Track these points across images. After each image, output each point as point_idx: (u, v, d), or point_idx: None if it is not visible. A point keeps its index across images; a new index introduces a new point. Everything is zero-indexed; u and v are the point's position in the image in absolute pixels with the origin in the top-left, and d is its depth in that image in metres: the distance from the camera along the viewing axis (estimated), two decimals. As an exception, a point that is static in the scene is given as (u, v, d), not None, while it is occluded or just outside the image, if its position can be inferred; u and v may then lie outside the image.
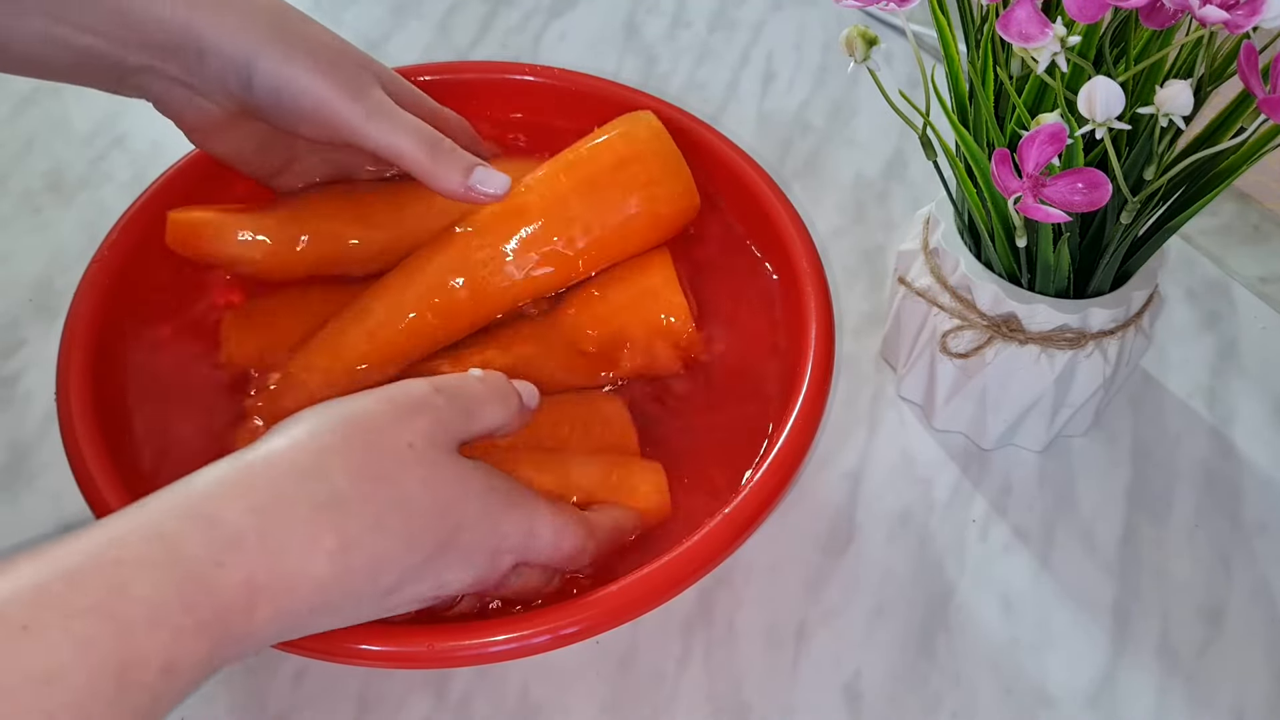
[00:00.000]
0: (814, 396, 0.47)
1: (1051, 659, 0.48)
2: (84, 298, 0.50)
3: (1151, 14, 0.38)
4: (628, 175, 0.52)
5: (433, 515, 0.37)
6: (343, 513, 0.35)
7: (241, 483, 0.35)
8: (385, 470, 0.37)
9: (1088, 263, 0.47)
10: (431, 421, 0.39)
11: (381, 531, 0.36)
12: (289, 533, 0.34)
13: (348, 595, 0.36)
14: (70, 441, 0.46)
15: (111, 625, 0.30)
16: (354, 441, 0.37)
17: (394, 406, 0.38)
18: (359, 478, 0.36)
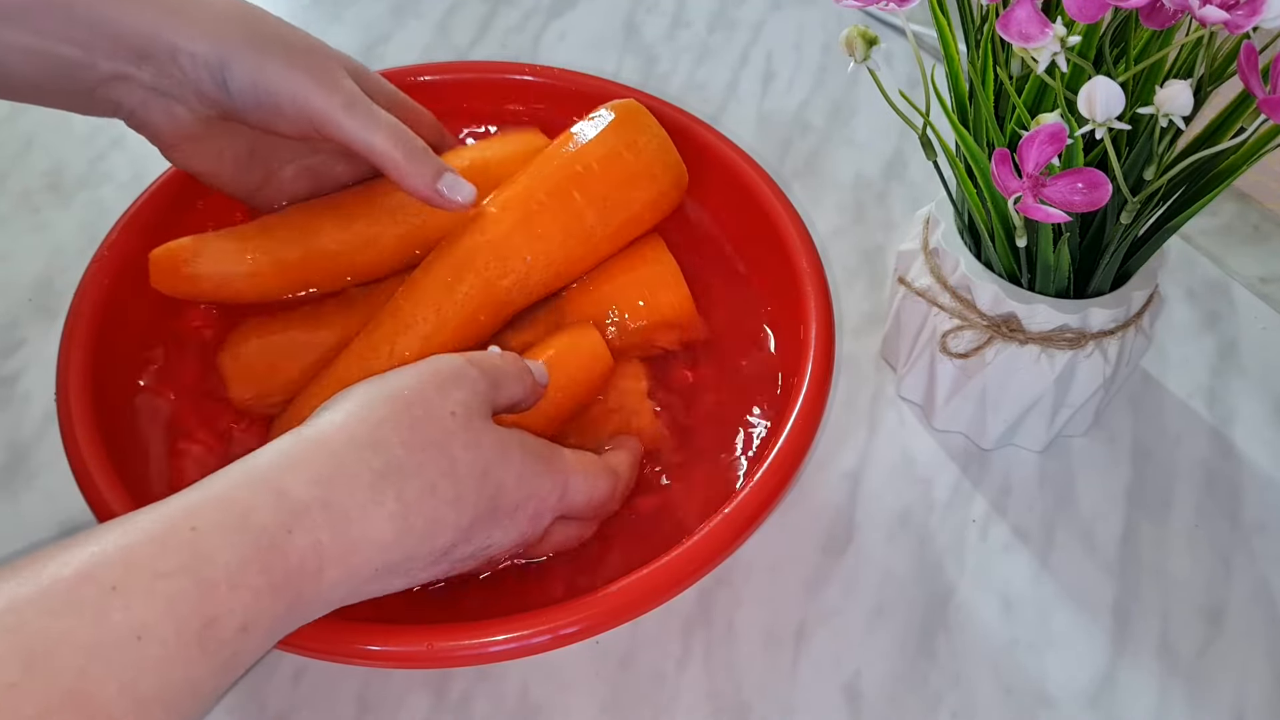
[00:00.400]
0: (814, 396, 0.47)
1: (1051, 659, 0.48)
2: (84, 297, 0.50)
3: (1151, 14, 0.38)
4: (638, 189, 0.52)
5: (478, 478, 0.39)
6: (401, 479, 0.37)
7: (304, 456, 0.37)
8: (434, 438, 0.39)
9: (1088, 263, 0.47)
10: (469, 392, 0.41)
11: (436, 495, 0.38)
12: (352, 500, 0.36)
13: (407, 556, 0.38)
14: (70, 441, 0.46)
15: (195, 586, 0.32)
16: (404, 413, 0.39)
17: (436, 379, 0.40)
18: (413, 446, 0.38)
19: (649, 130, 0.53)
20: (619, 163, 0.52)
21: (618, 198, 0.52)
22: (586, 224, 0.51)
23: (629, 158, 0.52)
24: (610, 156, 0.52)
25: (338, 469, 0.37)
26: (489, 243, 0.50)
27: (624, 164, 0.52)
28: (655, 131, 0.53)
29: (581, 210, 0.51)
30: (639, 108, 0.53)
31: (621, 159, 0.52)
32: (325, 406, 0.40)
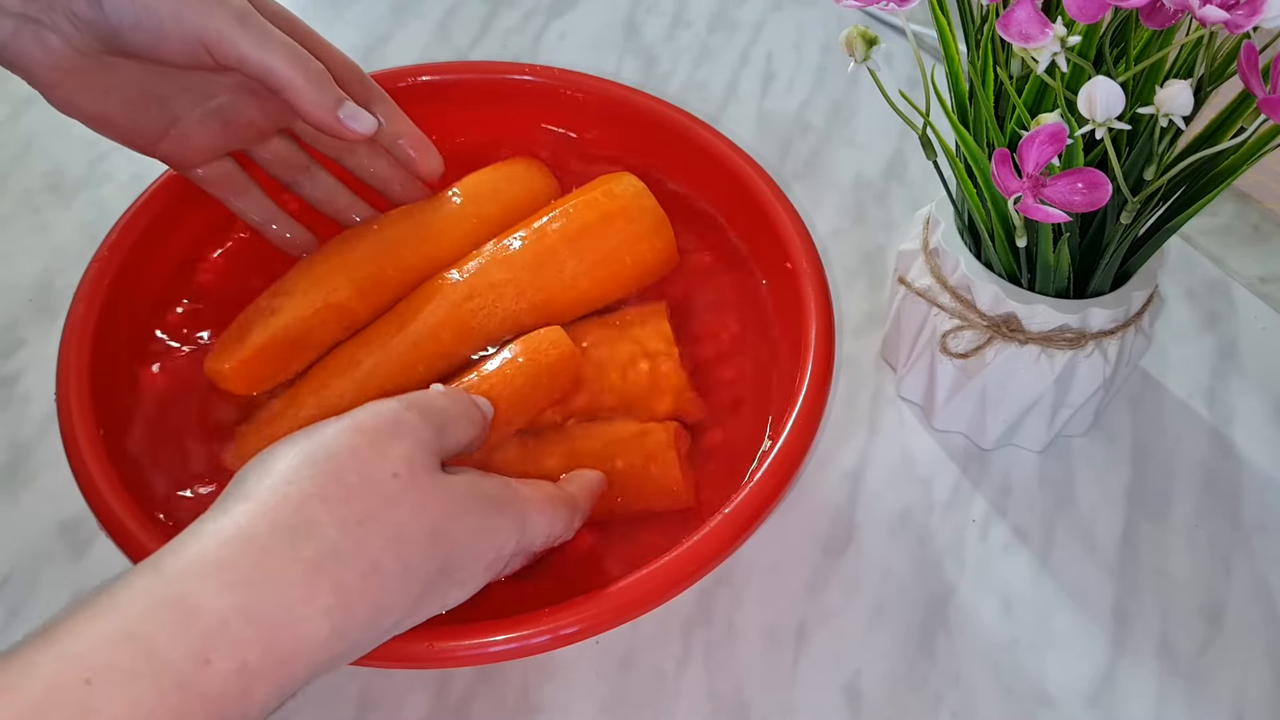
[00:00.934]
0: (814, 396, 0.47)
1: (1051, 659, 0.48)
2: (84, 298, 0.50)
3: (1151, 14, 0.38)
4: (613, 227, 0.53)
5: (428, 543, 0.36)
6: (338, 565, 0.33)
7: (219, 556, 0.32)
8: (374, 508, 0.35)
9: (1088, 263, 0.47)
10: (411, 444, 0.37)
11: (379, 574, 0.34)
12: (280, 602, 0.32)
13: (351, 646, 0.34)
14: (70, 442, 0.46)
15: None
16: (336, 483, 0.34)
17: (370, 436, 0.36)
18: (349, 523, 0.34)
19: (624, 180, 0.54)
20: (594, 205, 0.53)
21: (593, 234, 0.52)
22: (559, 257, 0.52)
23: (604, 201, 0.53)
24: (588, 202, 0.53)
25: (261, 566, 0.32)
26: (467, 283, 0.51)
27: (598, 205, 0.53)
28: (631, 182, 0.54)
29: (555, 245, 0.52)
30: (629, 176, 0.54)
31: (597, 202, 0.53)
32: (242, 477, 0.35)
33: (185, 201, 0.55)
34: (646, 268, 0.54)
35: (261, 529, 0.33)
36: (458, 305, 0.51)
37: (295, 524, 0.33)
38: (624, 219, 0.53)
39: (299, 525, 0.33)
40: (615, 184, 0.54)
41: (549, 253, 0.52)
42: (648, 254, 0.54)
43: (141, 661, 0.29)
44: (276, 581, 0.32)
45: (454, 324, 0.51)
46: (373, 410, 0.37)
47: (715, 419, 0.52)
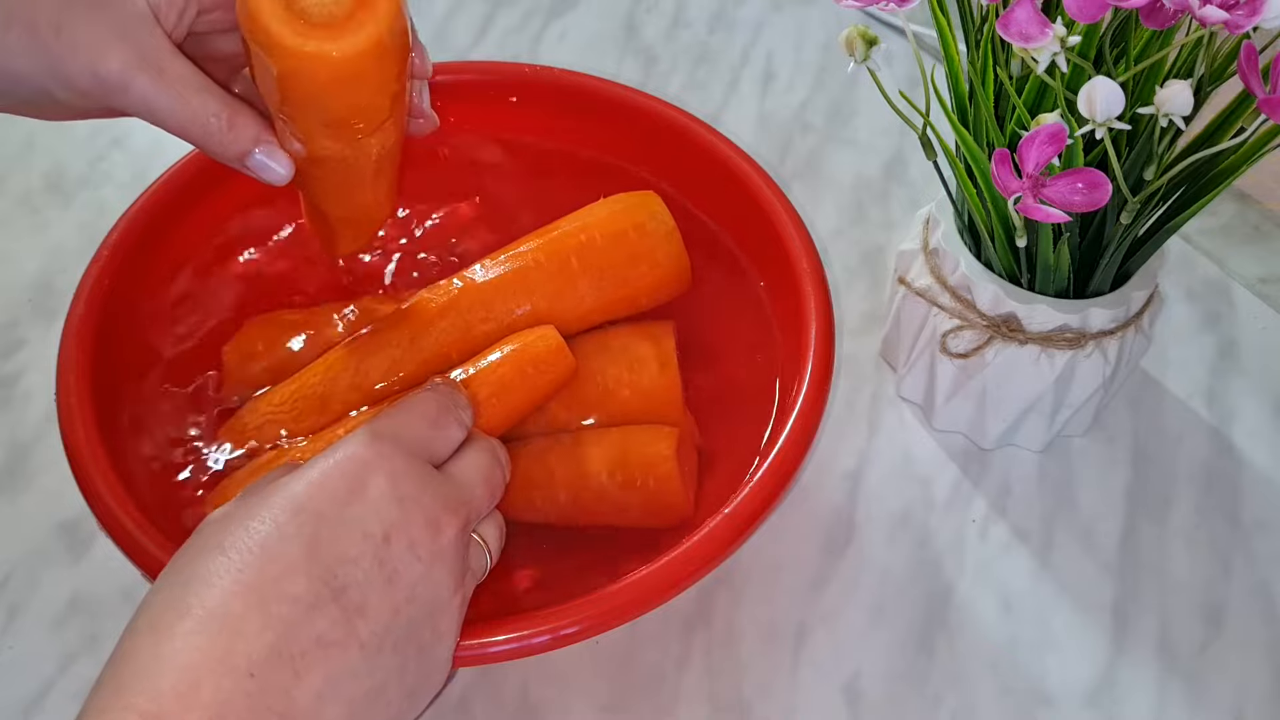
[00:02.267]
0: (814, 396, 0.47)
1: (1051, 658, 0.48)
2: (84, 298, 0.50)
3: (1151, 14, 0.38)
4: (637, 269, 0.52)
5: (406, 635, 0.36)
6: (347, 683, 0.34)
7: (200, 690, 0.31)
8: (335, 635, 0.34)
9: (1087, 263, 0.47)
10: (384, 480, 0.37)
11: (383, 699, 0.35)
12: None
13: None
14: (70, 442, 0.46)
15: None
16: (308, 602, 0.34)
17: (332, 498, 0.36)
18: (320, 644, 0.34)
19: (658, 218, 0.53)
20: (623, 241, 0.52)
21: (615, 274, 0.52)
22: (579, 290, 0.51)
23: (633, 238, 0.52)
24: (616, 234, 0.52)
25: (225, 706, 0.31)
26: (476, 286, 0.51)
27: (627, 242, 0.52)
28: (664, 220, 0.53)
29: (576, 276, 0.51)
30: (653, 197, 0.53)
31: (626, 237, 0.52)
32: (187, 563, 0.34)
33: (185, 201, 0.55)
34: (658, 297, 0.53)
35: (240, 672, 0.32)
36: (471, 328, 0.50)
37: (273, 674, 0.33)
38: (649, 261, 0.52)
39: (260, 667, 0.32)
40: (644, 215, 0.52)
41: (568, 282, 0.51)
42: (662, 288, 0.53)
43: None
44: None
45: (465, 345, 0.50)
46: (339, 469, 0.37)
47: (715, 418, 0.52)
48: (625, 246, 0.52)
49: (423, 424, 0.40)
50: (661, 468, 0.48)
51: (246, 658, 0.32)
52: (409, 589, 0.36)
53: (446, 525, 0.38)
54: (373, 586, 0.35)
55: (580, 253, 0.51)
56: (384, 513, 0.36)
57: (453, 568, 0.38)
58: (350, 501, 0.36)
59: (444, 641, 0.38)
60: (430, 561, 0.37)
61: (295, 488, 0.36)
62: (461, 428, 0.42)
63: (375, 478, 0.37)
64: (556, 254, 0.51)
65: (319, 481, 0.36)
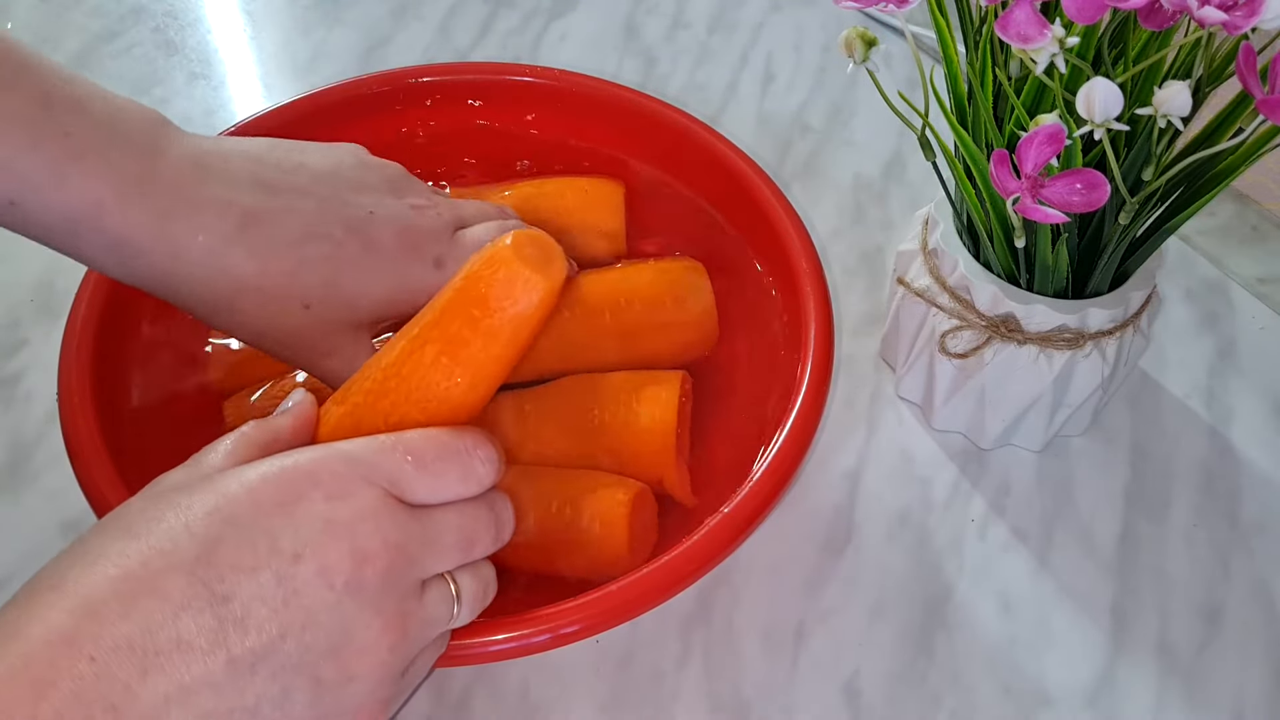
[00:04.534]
0: (813, 396, 0.47)
1: (1050, 658, 0.48)
2: (85, 298, 0.50)
3: (1150, 15, 0.38)
4: (667, 338, 0.53)
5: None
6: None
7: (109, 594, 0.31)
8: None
9: (1086, 263, 0.47)
10: (316, 511, 0.35)
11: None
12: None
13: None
14: (72, 441, 0.46)
15: None
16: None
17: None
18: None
19: (699, 293, 0.53)
20: (659, 309, 0.53)
21: (644, 338, 0.52)
22: (603, 346, 0.52)
23: (670, 308, 0.53)
24: (653, 300, 0.53)
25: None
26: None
27: (663, 311, 0.53)
28: (704, 296, 0.53)
29: (606, 333, 0.52)
30: (699, 269, 0.54)
31: (663, 306, 0.53)
32: (97, 532, 0.34)
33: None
34: (680, 361, 0.53)
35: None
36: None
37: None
38: (679, 331, 0.53)
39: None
40: (686, 289, 0.53)
41: (596, 335, 0.52)
42: (686, 353, 0.54)
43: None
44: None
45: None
46: (286, 464, 0.36)
47: (715, 418, 0.52)
48: (660, 315, 0.53)
49: (407, 461, 0.37)
50: (613, 511, 0.46)
51: (93, 642, 0.31)
52: (307, 615, 0.33)
53: (377, 562, 0.35)
54: (262, 602, 0.33)
55: (615, 311, 0.52)
56: (303, 531, 0.34)
57: (380, 606, 0.35)
58: (274, 513, 0.34)
59: (358, 684, 0.35)
60: (344, 592, 0.34)
61: (227, 485, 0.34)
62: (465, 482, 0.38)
63: (312, 494, 0.35)
64: (592, 308, 0.52)
65: (252, 485, 0.35)
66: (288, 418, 0.40)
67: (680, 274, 0.54)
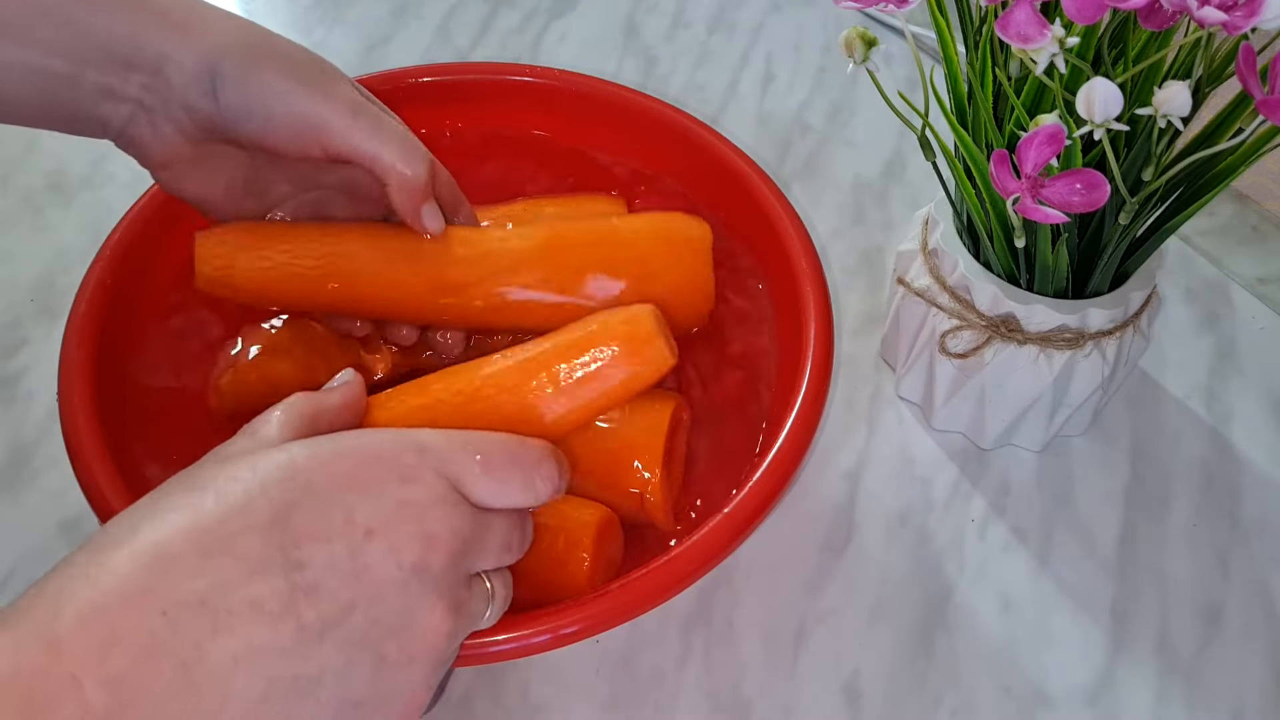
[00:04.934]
0: (813, 397, 0.47)
1: (1050, 658, 0.48)
2: (86, 298, 0.50)
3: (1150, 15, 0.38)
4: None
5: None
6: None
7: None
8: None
9: (1086, 263, 0.47)
10: (389, 489, 0.35)
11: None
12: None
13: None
14: (72, 441, 0.46)
15: None
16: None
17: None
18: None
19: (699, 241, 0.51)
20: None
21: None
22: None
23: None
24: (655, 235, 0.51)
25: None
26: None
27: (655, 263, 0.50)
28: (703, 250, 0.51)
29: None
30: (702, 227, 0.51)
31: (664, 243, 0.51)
32: (167, 491, 0.34)
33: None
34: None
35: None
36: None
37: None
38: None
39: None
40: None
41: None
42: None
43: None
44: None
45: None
46: (363, 442, 0.36)
47: (714, 418, 0.52)
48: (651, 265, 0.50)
49: (476, 461, 0.37)
50: (577, 531, 0.45)
51: (166, 597, 0.30)
52: (376, 591, 0.33)
53: (443, 547, 0.35)
54: (335, 573, 0.33)
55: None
56: (378, 508, 0.34)
57: (441, 591, 0.35)
58: (349, 487, 0.34)
59: (415, 668, 0.35)
60: (410, 574, 0.34)
61: (300, 453, 0.35)
62: (525, 492, 0.38)
63: (386, 475, 0.35)
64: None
65: (326, 458, 0.35)
66: (336, 395, 0.40)
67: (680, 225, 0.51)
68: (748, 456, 0.50)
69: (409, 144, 0.46)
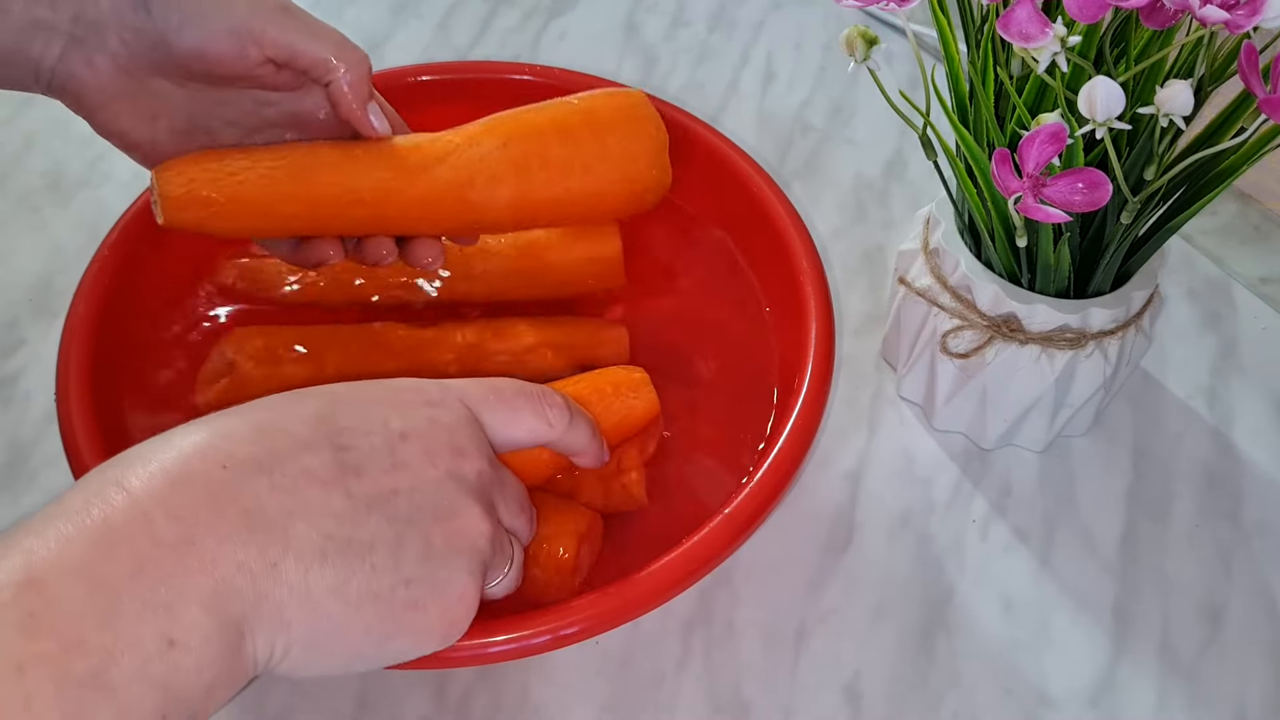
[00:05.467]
0: (814, 396, 0.47)
1: (1052, 659, 0.48)
2: (83, 298, 0.50)
3: (1152, 14, 0.38)
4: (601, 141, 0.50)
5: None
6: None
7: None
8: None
9: (1088, 263, 0.47)
10: (417, 402, 0.38)
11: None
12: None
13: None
14: (70, 441, 0.46)
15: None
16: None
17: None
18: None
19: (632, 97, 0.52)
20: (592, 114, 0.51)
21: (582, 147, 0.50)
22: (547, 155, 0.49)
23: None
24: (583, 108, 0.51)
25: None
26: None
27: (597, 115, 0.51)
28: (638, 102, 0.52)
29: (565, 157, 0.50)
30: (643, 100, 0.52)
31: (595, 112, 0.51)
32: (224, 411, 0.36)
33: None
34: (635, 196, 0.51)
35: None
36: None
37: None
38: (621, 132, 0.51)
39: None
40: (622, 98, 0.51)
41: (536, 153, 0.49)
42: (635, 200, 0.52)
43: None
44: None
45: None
46: (386, 381, 0.39)
47: (715, 418, 0.52)
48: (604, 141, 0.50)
49: (491, 393, 0.40)
50: (560, 541, 0.45)
51: (227, 454, 0.33)
52: (414, 479, 0.36)
53: (472, 462, 0.37)
54: (376, 461, 0.35)
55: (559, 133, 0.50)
56: (410, 419, 0.37)
57: (474, 495, 0.37)
58: (381, 402, 0.37)
59: (460, 560, 0.36)
60: (446, 475, 0.36)
61: (334, 386, 0.38)
62: (538, 418, 0.41)
63: (414, 399, 0.38)
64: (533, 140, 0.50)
65: (361, 385, 0.38)
66: None
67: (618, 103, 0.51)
68: (748, 456, 0.50)
69: (346, 43, 0.46)
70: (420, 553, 0.35)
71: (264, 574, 0.32)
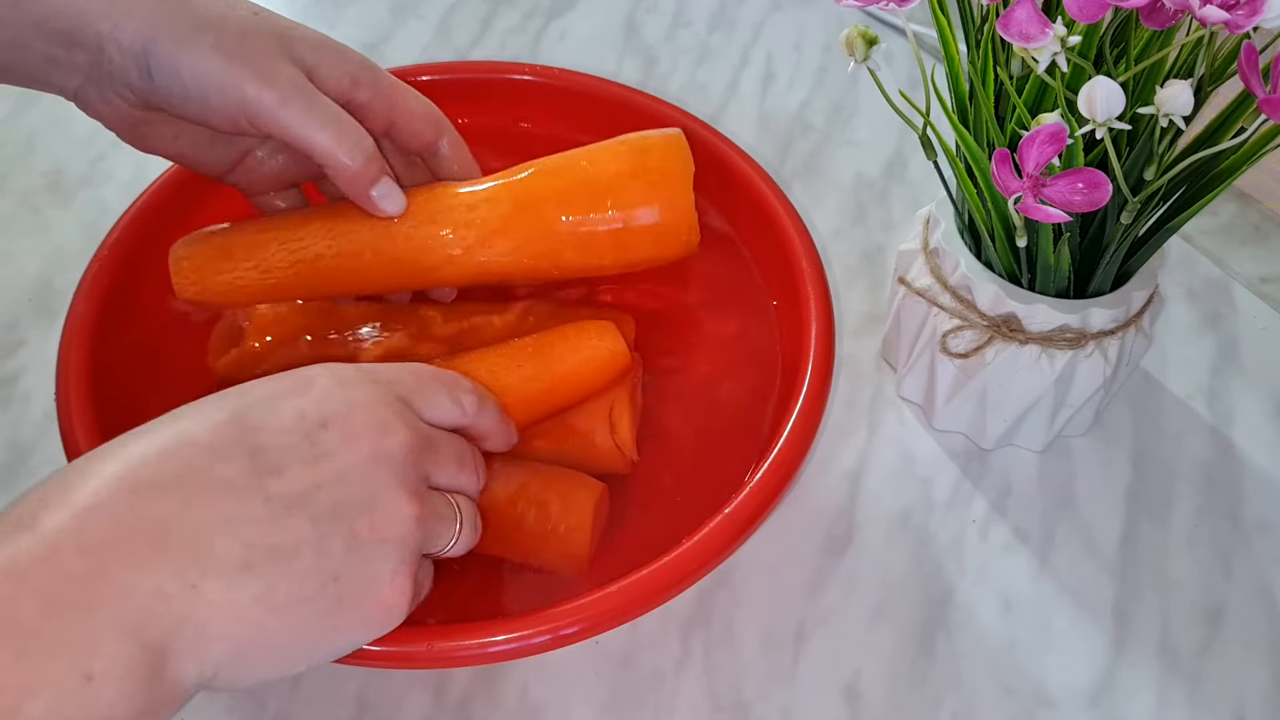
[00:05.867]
0: (814, 396, 0.47)
1: (1051, 659, 0.48)
2: (84, 298, 0.50)
3: (1152, 14, 0.38)
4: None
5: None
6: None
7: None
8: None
9: (1088, 263, 0.47)
10: (330, 387, 0.37)
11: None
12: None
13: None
14: (70, 441, 0.46)
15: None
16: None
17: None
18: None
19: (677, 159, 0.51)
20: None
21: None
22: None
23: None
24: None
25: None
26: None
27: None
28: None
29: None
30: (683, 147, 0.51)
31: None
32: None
33: (186, 201, 0.55)
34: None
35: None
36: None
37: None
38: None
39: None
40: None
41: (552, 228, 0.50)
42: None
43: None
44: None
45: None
46: (290, 373, 0.38)
47: (715, 418, 0.52)
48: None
49: (406, 375, 0.40)
50: (577, 515, 0.47)
51: (136, 480, 0.33)
52: (338, 467, 0.35)
53: (396, 436, 0.37)
54: (295, 456, 0.35)
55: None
56: (326, 405, 0.36)
57: (403, 479, 0.36)
58: (293, 393, 0.36)
59: (388, 549, 0.36)
60: (370, 459, 0.36)
61: (241, 386, 0.37)
62: (453, 402, 0.41)
63: (325, 381, 0.37)
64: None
65: (264, 381, 0.37)
66: None
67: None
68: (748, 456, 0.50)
69: (345, 128, 0.45)
70: (346, 546, 0.35)
71: (182, 596, 0.32)
